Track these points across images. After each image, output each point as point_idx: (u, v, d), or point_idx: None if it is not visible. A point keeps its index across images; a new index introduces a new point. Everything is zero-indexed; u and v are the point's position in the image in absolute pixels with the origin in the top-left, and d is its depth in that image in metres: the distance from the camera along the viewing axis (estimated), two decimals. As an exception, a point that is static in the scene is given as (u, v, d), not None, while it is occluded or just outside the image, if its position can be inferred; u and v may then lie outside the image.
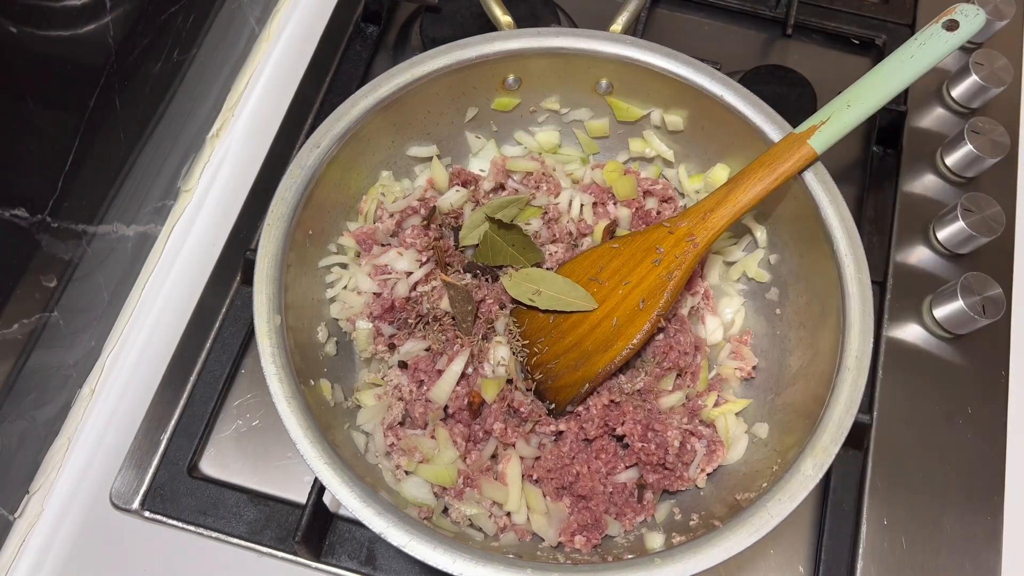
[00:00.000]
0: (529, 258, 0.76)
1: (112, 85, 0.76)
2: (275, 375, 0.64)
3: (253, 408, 0.83)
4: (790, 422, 0.71)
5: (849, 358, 0.67)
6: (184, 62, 0.88)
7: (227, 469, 0.81)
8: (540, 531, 0.70)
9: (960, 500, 0.79)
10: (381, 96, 0.76)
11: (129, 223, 0.86)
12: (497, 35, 0.79)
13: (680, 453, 0.71)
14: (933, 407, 0.83)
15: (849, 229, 0.71)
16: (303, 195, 0.72)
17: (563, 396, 0.73)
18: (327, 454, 0.61)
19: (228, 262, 0.89)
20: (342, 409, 0.73)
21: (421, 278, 0.76)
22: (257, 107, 1.01)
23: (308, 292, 0.75)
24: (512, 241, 0.75)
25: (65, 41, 0.69)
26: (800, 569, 0.78)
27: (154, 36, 0.81)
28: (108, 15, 0.73)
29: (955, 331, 0.84)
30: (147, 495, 0.78)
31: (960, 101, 0.98)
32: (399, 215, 0.80)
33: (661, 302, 0.71)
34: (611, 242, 0.76)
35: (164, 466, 0.79)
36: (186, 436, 0.80)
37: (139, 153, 0.84)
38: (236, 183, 0.95)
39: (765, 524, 0.60)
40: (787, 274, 0.79)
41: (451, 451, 0.70)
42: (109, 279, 0.85)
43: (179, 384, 0.82)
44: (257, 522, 0.77)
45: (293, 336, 0.68)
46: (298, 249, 0.72)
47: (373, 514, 0.60)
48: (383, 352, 0.76)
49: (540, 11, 0.99)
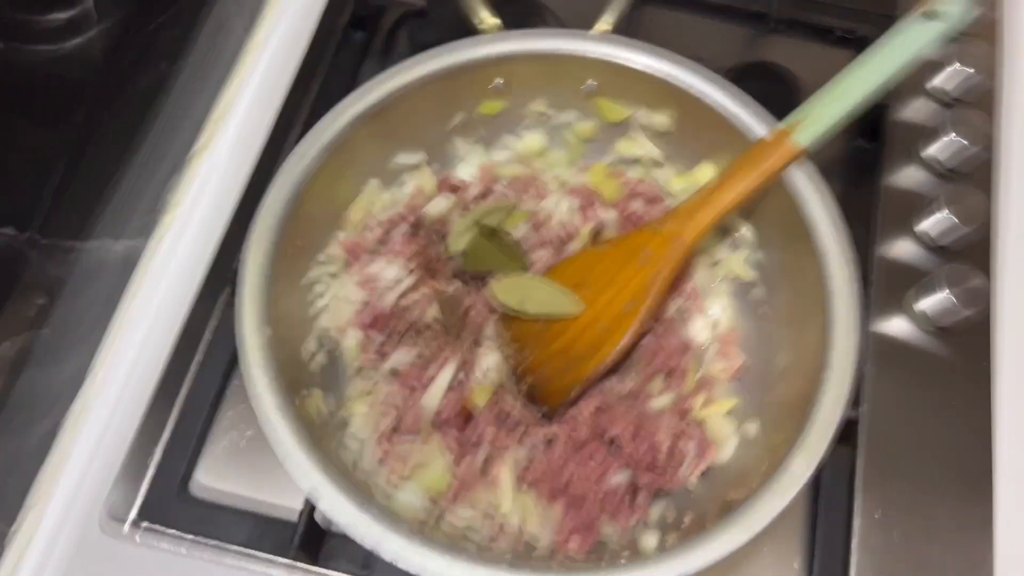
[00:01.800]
0: (516, 263, 0.77)
1: (99, 99, 0.76)
2: (264, 388, 0.64)
3: (246, 420, 0.83)
4: (779, 420, 0.72)
5: (835, 355, 0.67)
6: (171, 75, 0.88)
7: (221, 482, 0.81)
8: (534, 535, 0.70)
9: (951, 490, 0.80)
10: (367, 105, 0.76)
11: (117, 238, 0.86)
12: (483, 38, 0.79)
13: (671, 454, 0.72)
14: (921, 399, 0.83)
15: (835, 225, 0.71)
16: (290, 207, 0.72)
17: (553, 401, 0.73)
18: (318, 467, 0.62)
19: (217, 274, 0.88)
20: (333, 420, 0.74)
21: (410, 286, 0.76)
22: (245, 117, 1.00)
23: (296, 303, 0.75)
24: (499, 247, 0.76)
25: (51, 56, 0.69)
26: (795, 565, 0.78)
27: (140, 49, 0.81)
28: (94, 29, 0.74)
29: (940, 323, 0.84)
30: (141, 510, 0.77)
31: (942, 91, 0.98)
32: (387, 224, 0.80)
33: (648, 304, 0.72)
34: (597, 246, 0.77)
35: (158, 481, 0.78)
36: (179, 450, 0.80)
37: (127, 167, 0.84)
38: (224, 194, 0.95)
39: (757, 523, 0.61)
40: (773, 272, 0.80)
41: (443, 459, 0.70)
42: (98, 294, 0.84)
43: (170, 398, 0.82)
44: (253, 533, 0.76)
45: (281, 347, 0.68)
46: (285, 261, 0.72)
47: (367, 526, 0.60)
48: (374, 361, 0.76)
49: (528, 13, 0.99)
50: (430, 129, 0.84)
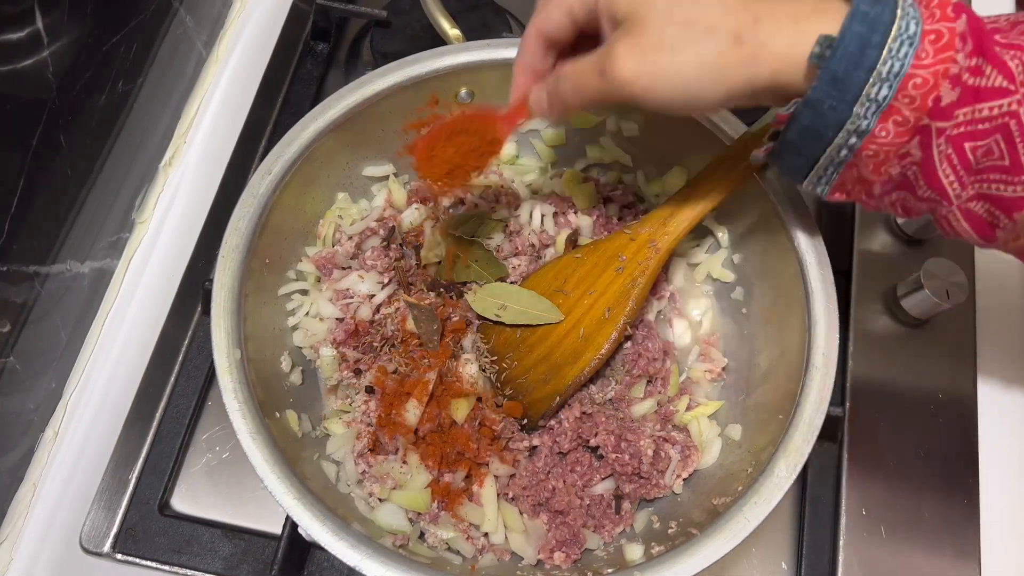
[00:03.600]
0: (492, 273, 0.75)
1: (56, 120, 0.74)
2: (238, 411, 0.63)
3: (222, 440, 0.82)
4: (762, 422, 0.71)
5: (816, 355, 0.67)
6: (131, 92, 0.86)
7: (199, 504, 0.79)
8: (519, 550, 0.69)
9: (936, 485, 0.79)
10: (332, 118, 0.75)
11: (83, 260, 0.84)
12: (446, 49, 0.78)
13: (655, 461, 0.71)
14: (904, 394, 0.83)
15: (808, 225, 0.71)
16: (257, 223, 0.71)
17: (535, 411, 0.72)
18: (296, 489, 0.60)
19: (188, 293, 0.87)
20: (311, 439, 0.72)
21: (384, 300, 0.75)
22: (210, 132, 0.99)
23: (269, 321, 0.74)
24: (475, 257, 0.75)
25: (2, 78, 0.67)
26: (783, 565, 0.78)
27: (96, 68, 0.79)
28: (46, 50, 0.72)
29: (921, 317, 0.84)
30: (118, 537, 0.76)
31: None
32: (358, 237, 0.79)
33: (626, 310, 0.71)
34: (573, 252, 0.76)
35: (134, 506, 0.77)
36: (155, 473, 0.79)
37: (90, 188, 0.83)
38: (192, 211, 0.93)
39: (742, 529, 0.60)
40: (751, 273, 0.79)
41: (424, 475, 0.69)
42: (66, 319, 0.83)
43: (145, 420, 0.81)
44: (233, 557, 0.75)
45: (255, 368, 0.67)
46: (256, 278, 0.71)
47: (346, 547, 0.59)
48: (349, 378, 0.74)
49: (491, 20, 0.99)
50: (398, 140, 0.83)
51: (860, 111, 0.49)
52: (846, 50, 0.48)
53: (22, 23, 0.68)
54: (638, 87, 0.52)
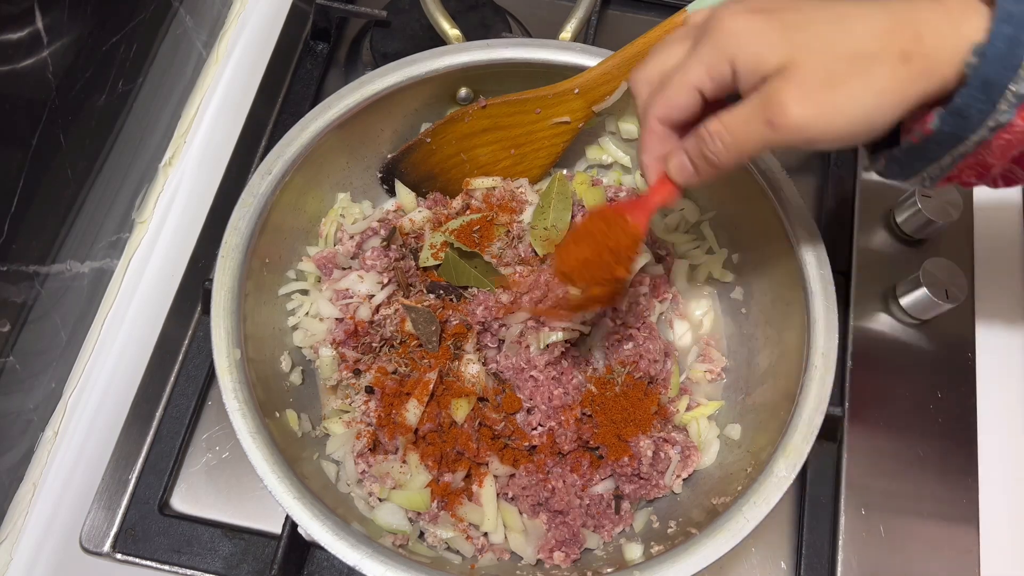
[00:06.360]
0: (491, 280, 0.75)
1: (55, 120, 0.74)
2: (237, 411, 0.63)
3: (222, 440, 0.82)
4: (762, 422, 0.71)
5: (816, 355, 0.67)
6: (130, 92, 0.86)
7: (199, 504, 0.79)
8: (518, 550, 0.69)
9: (935, 484, 0.80)
10: (331, 118, 0.75)
11: (83, 260, 0.84)
12: (446, 49, 0.78)
13: (654, 461, 0.71)
14: (904, 393, 0.83)
15: (808, 225, 0.71)
16: (257, 223, 0.71)
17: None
18: (296, 488, 0.60)
19: (188, 292, 0.87)
20: (310, 439, 0.72)
21: (383, 300, 0.75)
22: (209, 132, 0.99)
23: (269, 321, 0.74)
24: (474, 264, 0.75)
25: (2, 78, 0.67)
26: (782, 564, 0.78)
27: (96, 68, 0.79)
28: (46, 49, 0.72)
29: (920, 317, 0.84)
30: (118, 536, 0.76)
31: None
32: (359, 237, 0.79)
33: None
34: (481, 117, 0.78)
35: (134, 505, 0.77)
36: (155, 473, 0.79)
37: (90, 187, 0.83)
38: (192, 211, 0.93)
39: (741, 529, 0.60)
40: (750, 273, 0.79)
41: (423, 475, 0.69)
42: (66, 318, 0.83)
43: (145, 420, 0.81)
44: (233, 556, 0.76)
45: (255, 368, 0.67)
46: (255, 278, 0.71)
47: (346, 547, 0.59)
48: (349, 378, 0.74)
49: (491, 20, 0.98)
50: (398, 140, 0.83)
51: (1003, 107, 0.49)
52: (997, 53, 0.48)
53: (22, 23, 0.68)
54: (816, 130, 0.51)
